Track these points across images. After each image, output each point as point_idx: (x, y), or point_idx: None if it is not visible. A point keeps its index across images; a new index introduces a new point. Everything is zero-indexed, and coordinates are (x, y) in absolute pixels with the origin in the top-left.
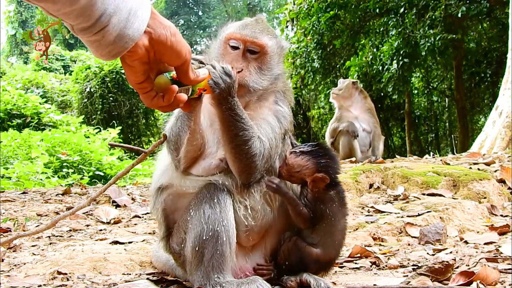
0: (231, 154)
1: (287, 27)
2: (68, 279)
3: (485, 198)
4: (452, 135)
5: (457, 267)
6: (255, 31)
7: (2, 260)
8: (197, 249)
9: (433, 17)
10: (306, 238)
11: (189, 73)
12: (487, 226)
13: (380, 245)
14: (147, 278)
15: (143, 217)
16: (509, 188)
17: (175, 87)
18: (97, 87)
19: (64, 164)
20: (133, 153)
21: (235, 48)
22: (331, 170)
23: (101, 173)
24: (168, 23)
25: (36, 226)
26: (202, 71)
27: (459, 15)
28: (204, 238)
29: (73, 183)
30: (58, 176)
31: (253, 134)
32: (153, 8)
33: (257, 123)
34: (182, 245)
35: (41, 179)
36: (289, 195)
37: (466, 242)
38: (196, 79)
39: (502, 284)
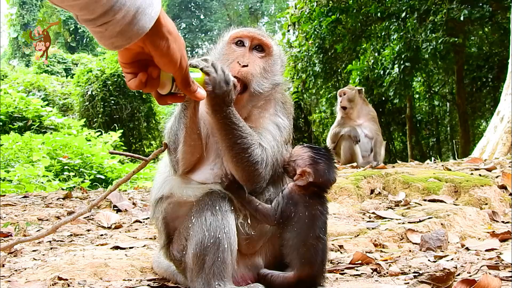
0: (232, 163)
1: (288, 31)
2: (68, 285)
3: (486, 204)
4: (454, 140)
5: (458, 275)
6: (262, 32)
7: (3, 266)
8: (198, 256)
9: (435, 20)
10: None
11: (180, 82)
12: (488, 232)
13: (381, 251)
14: (148, 285)
15: (144, 222)
16: (510, 194)
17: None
18: (99, 90)
19: (65, 167)
20: (134, 158)
21: (241, 45)
22: (319, 170)
23: (102, 177)
24: (168, 34)
25: (37, 231)
26: (200, 90)
27: (462, 18)
28: (205, 245)
29: (74, 186)
30: (59, 179)
31: (252, 142)
32: (162, 12)
33: (258, 132)
34: (183, 252)
35: (42, 182)
36: (240, 194)
37: (467, 248)
38: (189, 91)
39: None
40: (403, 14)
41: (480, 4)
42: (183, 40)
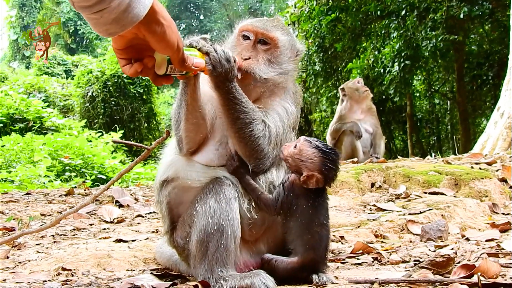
0: (235, 138)
1: None
2: (72, 275)
3: (486, 196)
4: (454, 137)
5: (458, 262)
6: (268, 25)
7: (7, 257)
8: (201, 242)
9: (435, 18)
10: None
11: (178, 63)
12: (488, 223)
13: (382, 242)
14: (151, 273)
15: (146, 216)
16: (510, 187)
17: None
18: (99, 91)
19: (67, 167)
20: (135, 157)
21: (247, 38)
22: (330, 177)
23: (104, 177)
24: (163, 20)
25: (40, 225)
26: (197, 60)
27: (461, 16)
28: (209, 232)
29: (75, 186)
30: (61, 180)
31: (254, 117)
32: (156, 1)
33: (265, 111)
34: (187, 239)
35: (44, 182)
36: (246, 180)
37: (467, 239)
38: (187, 67)
39: (503, 277)
40: (403, 12)
41: (480, 2)
42: (175, 24)
